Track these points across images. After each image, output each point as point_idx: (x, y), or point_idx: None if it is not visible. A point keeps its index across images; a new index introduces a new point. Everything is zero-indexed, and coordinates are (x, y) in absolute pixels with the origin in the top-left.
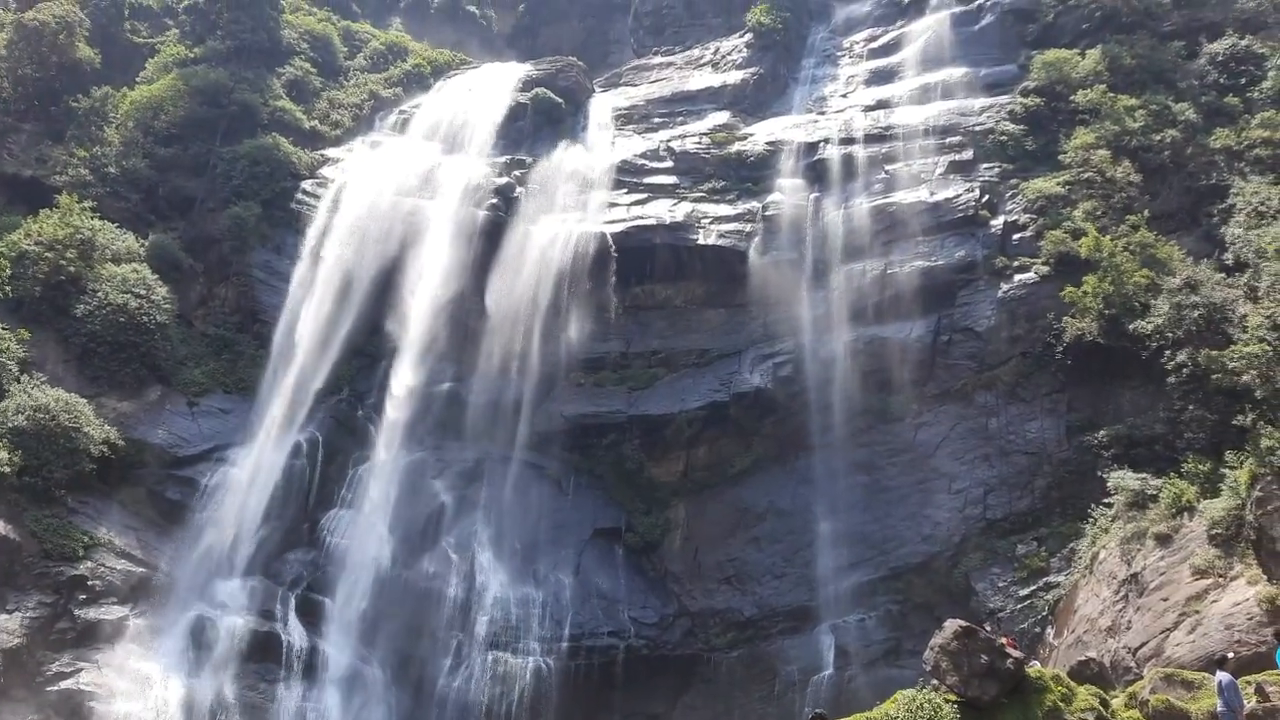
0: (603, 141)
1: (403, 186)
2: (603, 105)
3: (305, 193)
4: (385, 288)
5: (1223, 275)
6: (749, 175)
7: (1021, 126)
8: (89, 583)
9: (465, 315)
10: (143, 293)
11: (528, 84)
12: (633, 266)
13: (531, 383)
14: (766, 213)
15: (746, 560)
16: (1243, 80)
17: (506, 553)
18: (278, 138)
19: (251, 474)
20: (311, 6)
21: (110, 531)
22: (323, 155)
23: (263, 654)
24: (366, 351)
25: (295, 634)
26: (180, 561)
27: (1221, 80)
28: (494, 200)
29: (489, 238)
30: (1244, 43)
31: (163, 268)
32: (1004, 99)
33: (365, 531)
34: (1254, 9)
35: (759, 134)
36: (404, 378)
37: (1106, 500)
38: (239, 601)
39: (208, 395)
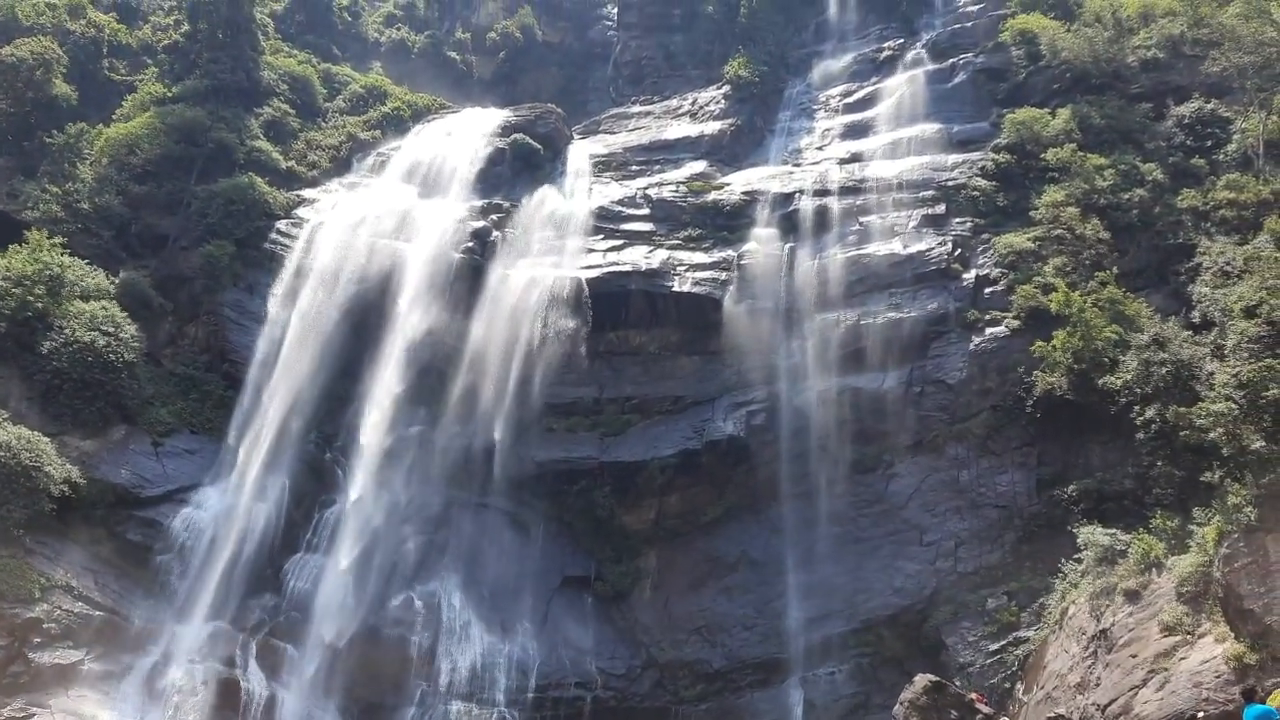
0: (580, 188)
1: (379, 228)
2: (581, 152)
3: (280, 233)
4: (359, 329)
5: (1190, 333)
6: (725, 224)
7: (993, 182)
8: (45, 625)
9: (439, 359)
10: (111, 330)
11: (507, 129)
12: (608, 312)
13: (504, 428)
14: (742, 261)
15: (717, 611)
16: (1208, 143)
17: (474, 600)
18: (254, 177)
19: (216, 517)
20: (292, 48)
21: (68, 573)
22: (299, 196)
23: (222, 701)
24: (338, 394)
25: (255, 681)
26: (140, 605)
27: (1188, 142)
28: (470, 244)
29: (465, 281)
30: (1209, 106)
31: (132, 305)
32: (976, 155)
33: (331, 577)
34: (1219, 74)
35: (735, 184)
36: (375, 421)
37: (1076, 555)
38: (199, 647)
39: (174, 435)
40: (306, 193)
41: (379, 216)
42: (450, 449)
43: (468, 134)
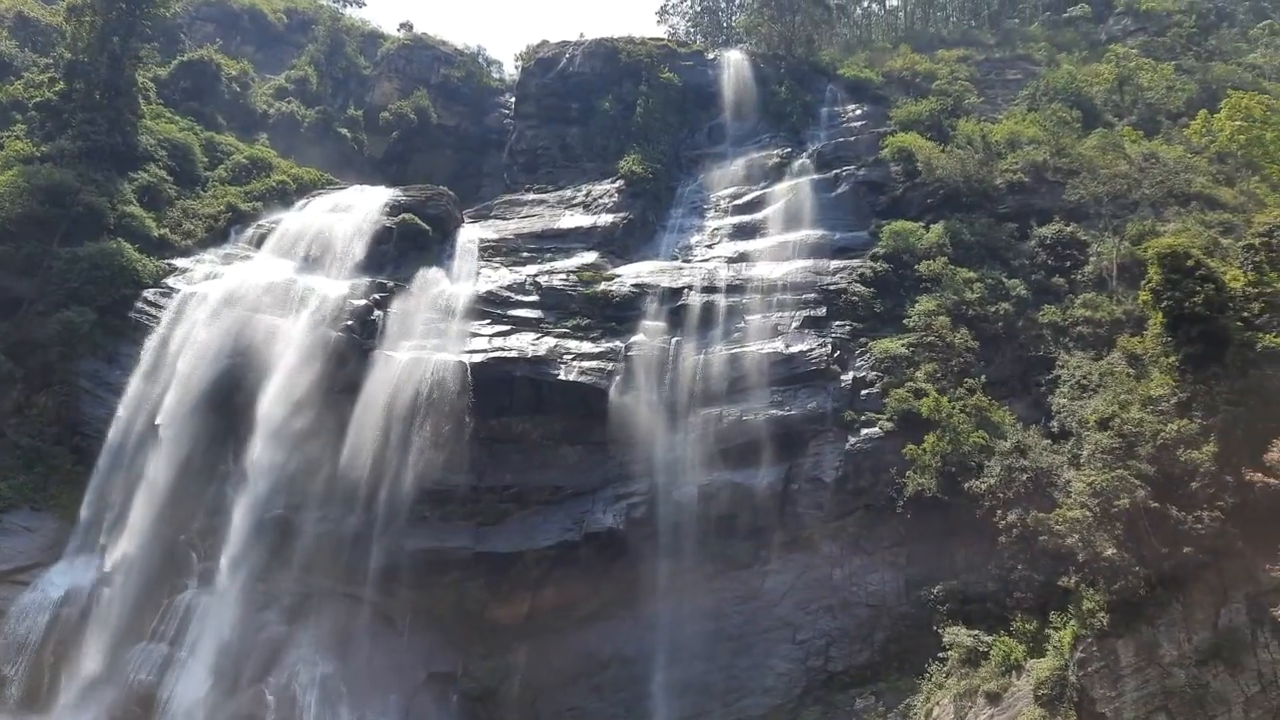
0: (469, 271)
1: (254, 302)
2: (471, 235)
3: (147, 302)
4: (226, 406)
5: (1050, 441)
6: (614, 315)
7: (871, 289)
8: None
9: (310, 440)
10: None
11: (395, 208)
12: (491, 398)
13: (375, 514)
14: (629, 353)
15: (586, 710)
16: (1068, 263)
17: (331, 695)
18: (123, 243)
19: (56, 601)
20: (175, 115)
21: None
22: (170, 265)
23: None
24: (199, 472)
25: None
26: None
27: (1049, 262)
28: (349, 322)
29: (343, 361)
30: (1069, 230)
31: None
32: (856, 262)
33: (177, 668)
34: (1078, 200)
35: (626, 276)
36: (239, 502)
37: (942, 655)
38: None
39: (12, 511)
40: (179, 262)
41: (255, 290)
42: (316, 534)
43: (355, 211)
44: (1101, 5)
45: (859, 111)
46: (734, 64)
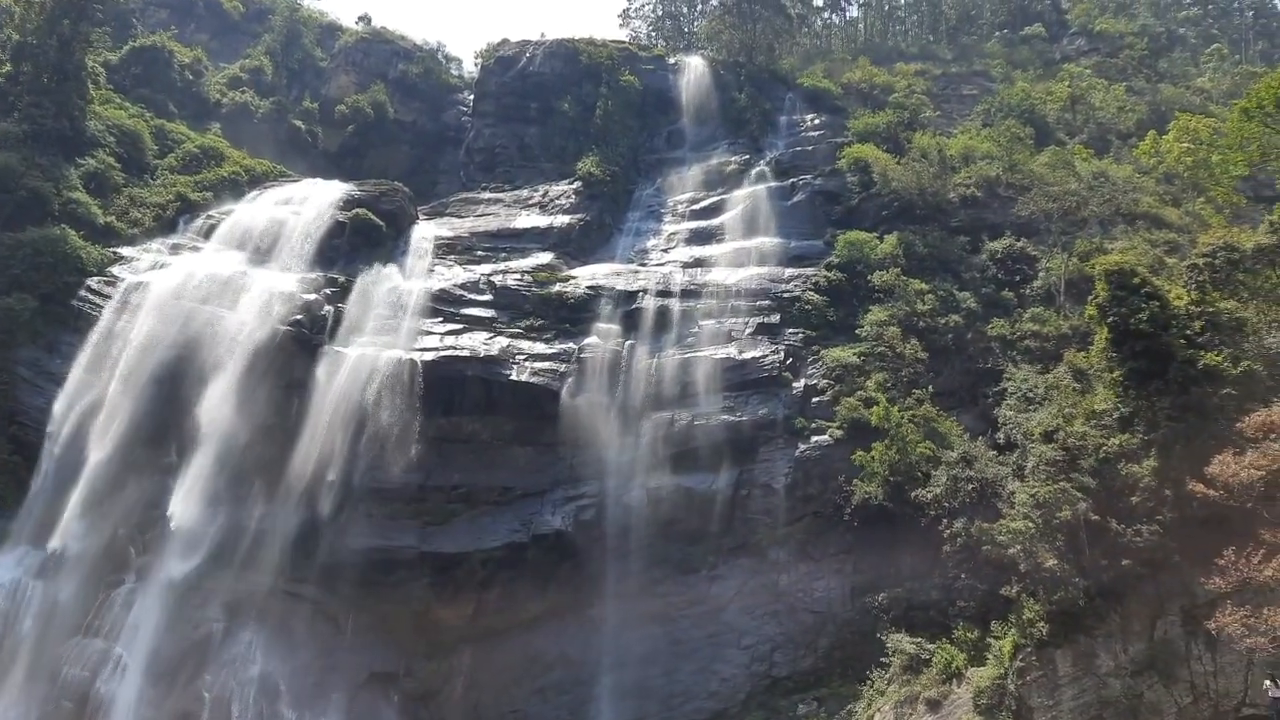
0: (422, 268)
1: (202, 294)
2: (426, 232)
3: (91, 290)
4: (171, 398)
5: (995, 452)
6: (568, 316)
7: (825, 297)
8: None
9: (255, 435)
10: None
11: (349, 203)
12: (442, 397)
13: (320, 511)
14: (582, 354)
15: (529, 713)
16: (1017, 278)
17: (269, 694)
18: (67, 230)
19: None
20: (125, 101)
21: None
22: (115, 253)
23: None
24: (141, 465)
25: None
26: None
27: (999, 275)
28: (299, 317)
29: (291, 356)
30: (1019, 244)
31: None
32: (810, 270)
33: (113, 664)
34: (1029, 216)
35: (581, 277)
36: (180, 497)
37: (884, 662)
38: None
39: None
40: (125, 251)
41: (203, 281)
42: (260, 531)
43: (307, 204)
44: (1056, 25)
45: (817, 121)
46: (695, 69)
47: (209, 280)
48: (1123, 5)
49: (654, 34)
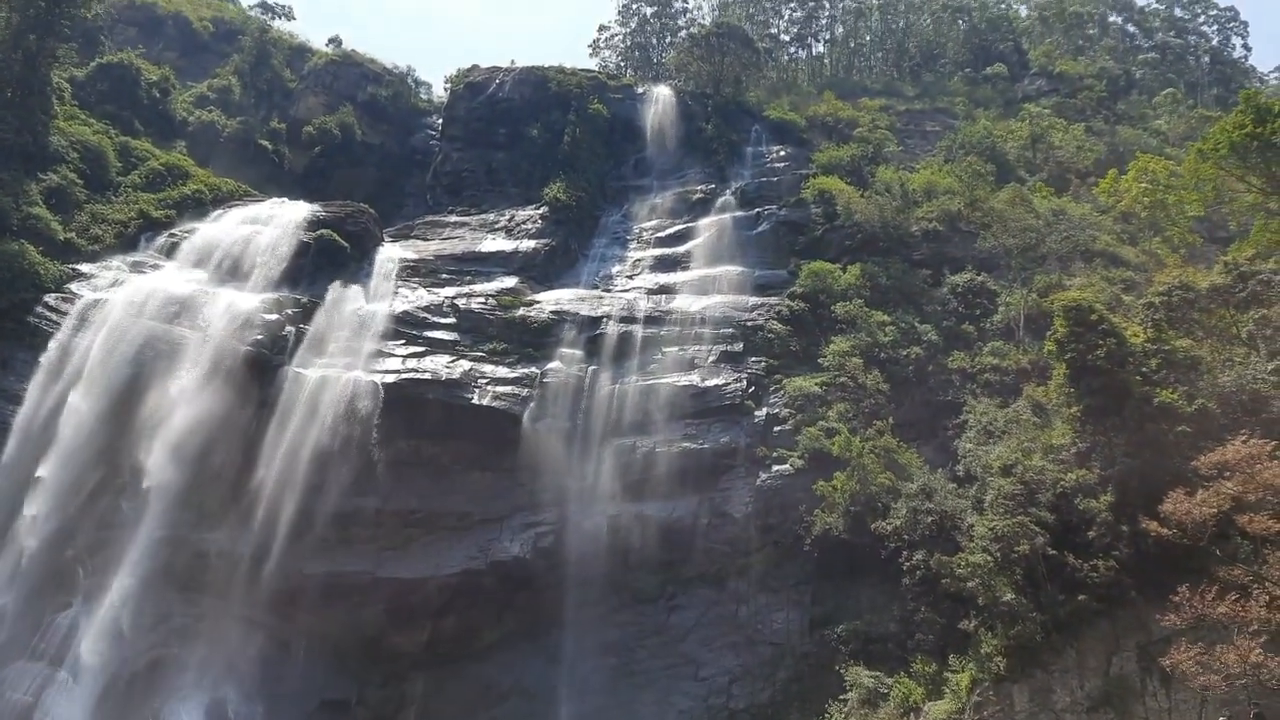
0: (386, 290)
1: (162, 312)
2: (391, 255)
3: (48, 307)
4: (127, 418)
5: (955, 485)
6: (531, 341)
7: (788, 327)
8: None
9: (213, 456)
10: None
11: (314, 224)
12: (402, 420)
13: (275, 535)
14: (545, 379)
15: None
16: (978, 311)
17: None
18: (25, 245)
19: None
20: (89, 117)
21: None
22: (74, 269)
23: None
24: (95, 485)
25: None
26: None
27: (960, 309)
28: (260, 337)
29: (251, 376)
30: (980, 279)
31: None
32: (774, 300)
33: (57, 688)
34: (989, 250)
35: (545, 302)
36: (129, 518)
37: (842, 696)
38: None
39: None
40: (84, 267)
41: (163, 299)
42: (211, 554)
43: (272, 224)
44: (1018, 65)
45: (783, 153)
46: (663, 99)
47: (169, 298)
48: (1082, 48)
49: (623, 64)
